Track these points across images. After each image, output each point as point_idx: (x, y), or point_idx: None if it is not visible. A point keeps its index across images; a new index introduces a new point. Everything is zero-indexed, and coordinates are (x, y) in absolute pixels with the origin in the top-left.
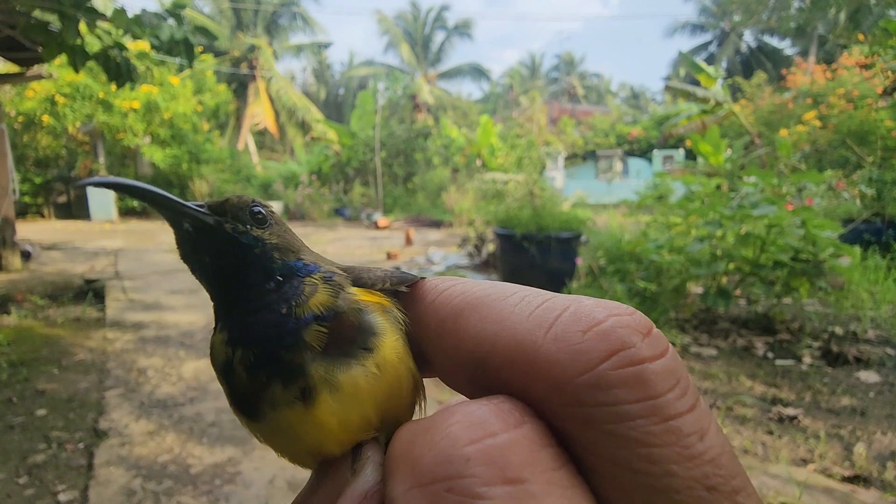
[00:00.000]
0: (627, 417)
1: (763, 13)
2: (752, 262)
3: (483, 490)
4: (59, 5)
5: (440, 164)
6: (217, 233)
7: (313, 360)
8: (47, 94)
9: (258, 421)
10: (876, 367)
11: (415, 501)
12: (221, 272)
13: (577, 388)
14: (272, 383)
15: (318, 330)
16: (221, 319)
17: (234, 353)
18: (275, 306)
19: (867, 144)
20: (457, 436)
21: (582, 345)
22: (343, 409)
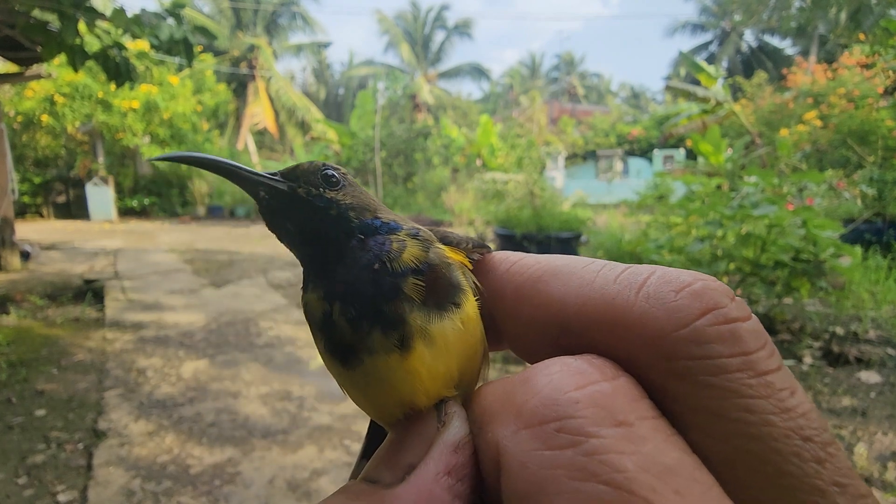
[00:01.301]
0: (725, 370)
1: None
2: (753, 262)
3: (595, 430)
4: (58, 5)
5: (440, 164)
6: (292, 198)
7: (412, 310)
8: (46, 93)
9: (353, 368)
10: (877, 367)
11: (524, 442)
12: (304, 235)
13: (675, 343)
14: (373, 332)
15: (415, 282)
16: (312, 279)
17: (331, 307)
18: (367, 262)
19: (868, 144)
20: (561, 382)
21: (676, 303)
22: (433, 359)
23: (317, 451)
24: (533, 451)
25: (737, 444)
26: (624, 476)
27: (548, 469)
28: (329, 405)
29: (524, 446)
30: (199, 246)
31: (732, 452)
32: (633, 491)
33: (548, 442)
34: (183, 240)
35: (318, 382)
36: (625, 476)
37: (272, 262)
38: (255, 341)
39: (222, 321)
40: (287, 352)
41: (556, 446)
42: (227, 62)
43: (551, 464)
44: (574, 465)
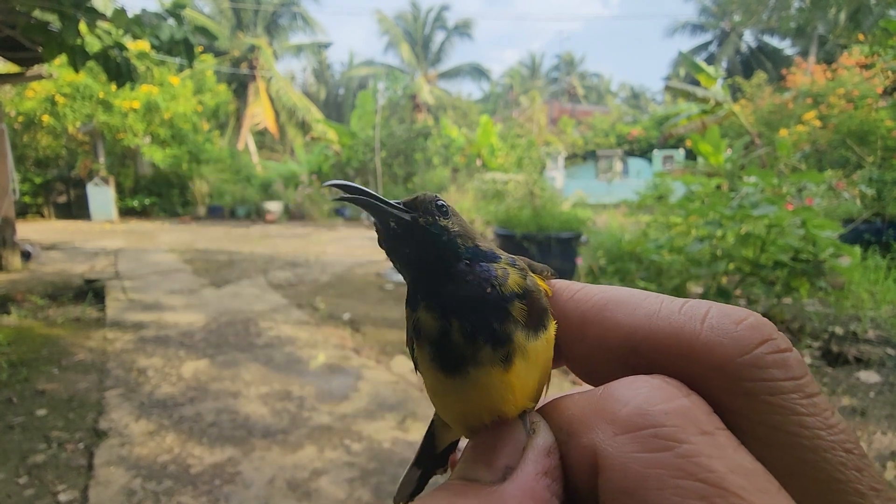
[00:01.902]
0: (782, 391)
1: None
2: (753, 262)
3: (685, 436)
4: (59, 5)
5: (440, 164)
6: (414, 227)
7: (516, 330)
8: (47, 94)
9: (457, 377)
10: (876, 367)
11: (624, 445)
12: (421, 259)
13: (740, 366)
14: (485, 347)
15: (521, 306)
16: (424, 299)
17: (450, 324)
18: (478, 286)
19: (867, 144)
20: (650, 396)
21: (738, 333)
22: (526, 373)
23: (317, 451)
24: (633, 452)
25: (794, 454)
26: (716, 475)
27: (649, 468)
28: (329, 405)
29: (625, 449)
30: (200, 246)
31: (790, 462)
32: (726, 488)
33: (646, 445)
34: (183, 240)
35: (318, 382)
36: (717, 475)
37: (272, 262)
38: (254, 341)
39: (222, 321)
40: (287, 352)
41: (654, 449)
42: (227, 62)
43: (652, 464)
44: (672, 465)
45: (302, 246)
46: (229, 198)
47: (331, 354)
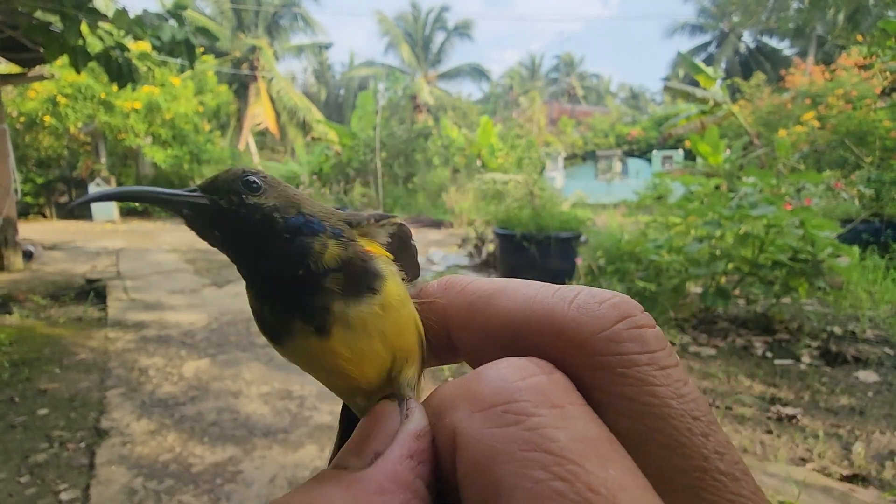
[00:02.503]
0: (636, 364)
1: (762, 14)
2: (751, 262)
3: (535, 410)
4: (60, 6)
5: (440, 165)
6: (213, 210)
7: (333, 300)
8: (49, 94)
9: (281, 345)
10: (874, 366)
11: (477, 422)
12: (233, 243)
13: (597, 342)
14: (294, 321)
15: (335, 277)
16: (247, 279)
17: (262, 306)
18: (292, 265)
19: (866, 145)
20: (507, 374)
21: (599, 311)
22: (354, 339)
23: (318, 450)
24: (484, 428)
25: (645, 422)
26: (557, 445)
27: (497, 442)
28: (330, 404)
29: (477, 425)
30: (201, 246)
31: (642, 429)
32: (564, 455)
33: (497, 421)
34: (184, 240)
35: (318, 382)
36: (558, 445)
37: None
38: (255, 341)
39: (223, 321)
40: None
41: (503, 424)
42: (228, 63)
43: (500, 438)
44: (518, 437)
45: None
46: None
47: None
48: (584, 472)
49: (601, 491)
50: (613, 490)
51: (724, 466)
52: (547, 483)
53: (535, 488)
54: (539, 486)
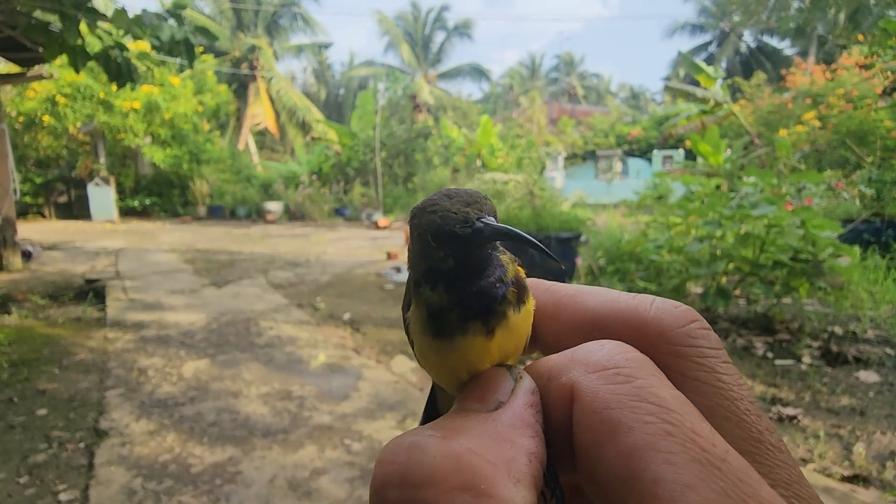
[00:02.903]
0: (707, 356)
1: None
2: (752, 262)
3: (640, 374)
4: (59, 6)
5: (440, 165)
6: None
7: (508, 308)
8: (48, 94)
9: (443, 340)
10: (875, 366)
11: (594, 380)
12: (480, 265)
13: (677, 335)
14: (474, 323)
15: (513, 290)
16: (441, 282)
17: (451, 308)
18: (493, 279)
19: (866, 144)
20: (612, 348)
21: (676, 312)
22: (505, 340)
23: (317, 450)
24: (601, 384)
25: (714, 399)
26: (662, 399)
27: (612, 394)
28: (329, 405)
29: (594, 382)
30: (200, 246)
31: (710, 405)
32: (668, 407)
33: (611, 379)
34: (184, 240)
35: (319, 382)
36: (662, 399)
37: (272, 262)
38: (255, 341)
39: (223, 321)
40: (287, 351)
41: (616, 382)
42: (228, 63)
43: (614, 391)
44: (629, 392)
45: (302, 246)
46: (230, 198)
47: (331, 354)
48: (686, 420)
49: (702, 434)
50: (715, 437)
51: (773, 440)
52: (657, 424)
53: (646, 427)
54: (650, 425)
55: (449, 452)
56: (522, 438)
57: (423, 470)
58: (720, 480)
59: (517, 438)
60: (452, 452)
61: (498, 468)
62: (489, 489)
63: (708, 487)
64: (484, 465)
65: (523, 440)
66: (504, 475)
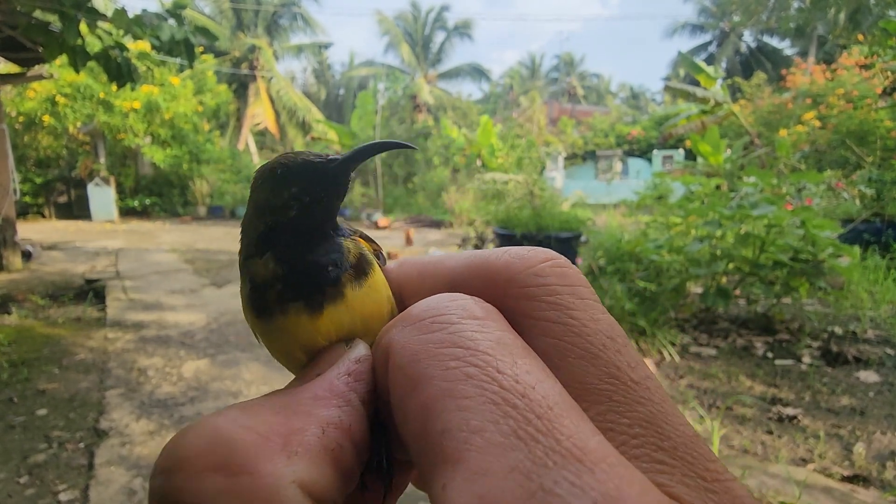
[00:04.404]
0: (557, 293)
1: (762, 13)
2: (752, 262)
3: (458, 320)
4: (59, 6)
5: (440, 165)
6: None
7: (348, 285)
8: (48, 94)
9: (265, 318)
10: (875, 366)
11: (408, 332)
12: (329, 214)
13: (525, 276)
14: (296, 304)
15: (349, 273)
16: (273, 250)
17: (275, 280)
18: (328, 258)
19: (866, 144)
20: (439, 299)
21: (527, 254)
22: (343, 316)
23: None
24: (412, 336)
25: (565, 339)
26: (474, 342)
27: (421, 344)
28: None
29: (406, 335)
30: (200, 246)
31: (561, 345)
32: (478, 349)
33: (424, 329)
34: (184, 240)
35: None
36: (474, 342)
37: None
38: (255, 341)
39: (223, 321)
40: None
41: (429, 331)
42: (228, 63)
43: (426, 340)
44: (440, 339)
45: None
46: (230, 198)
47: None
48: (495, 360)
49: (507, 372)
50: (519, 373)
51: (634, 375)
52: (459, 369)
53: (448, 374)
54: (451, 371)
55: (205, 432)
56: (322, 409)
57: (176, 454)
58: (512, 419)
59: (315, 409)
60: (208, 431)
61: (269, 442)
62: (248, 466)
63: (497, 429)
64: (248, 440)
65: (322, 410)
66: (275, 449)
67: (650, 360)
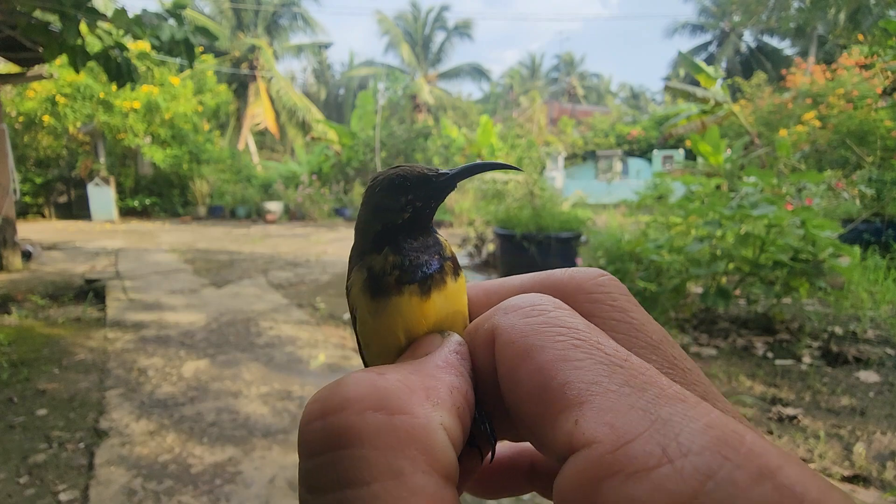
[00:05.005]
0: (618, 299)
1: (763, 13)
2: (752, 262)
3: (553, 309)
4: (59, 6)
5: (440, 165)
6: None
7: (446, 275)
8: (48, 94)
9: (380, 299)
10: (875, 366)
11: (513, 317)
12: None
13: (591, 285)
14: (409, 285)
15: (450, 264)
16: (389, 246)
17: (391, 270)
18: (433, 250)
19: (867, 144)
20: (530, 295)
21: (587, 271)
22: (443, 304)
23: None
24: (518, 319)
25: (631, 334)
26: (572, 325)
27: (528, 325)
28: None
29: (512, 319)
30: (200, 246)
31: (629, 339)
32: (578, 329)
33: (527, 314)
34: (184, 240)
35: (319, 382)
36: (573, 325)
37: (272, 262)
38: (255, 341)
39: (223, 321)
40: (287, 351)
41: (532, 315)
42: (228, 63)
43: (530, 322)
44: (543, 321)
45: (302, 246)
46: (230, 198)
47: (331, 354)
48: (592, 336)
49: (606, 344)
50: (615, 346)
51: (687, 364)
52: (567, 341)
53: (557, 344)
54: (560, 342)
55: (365, 380)
56: (445, 375)
57: (340, 397)
58: (621, 375)
59: (441, 374)
60: (368, 380)
61: (416, 392)
62: (405, 408)
63: (611, 381)
64: (401, 388)
65: (446, 376)
66: (422, 398)
67: None
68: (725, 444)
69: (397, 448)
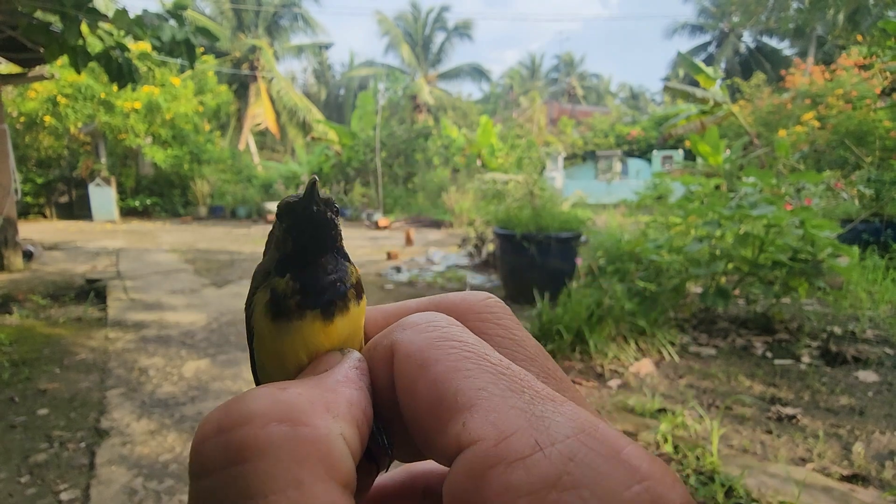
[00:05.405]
0: (503, 318)
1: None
2: (751, 262)
3: (447, 325)
4: (60, 6)
5: (440, 165)
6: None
7: (349, 301)
8: (49, 94)
9: (281, 322)
10: (874, 366)
11: (410, 333)
12: (317, 241)
13: (481, 306)
14: (311, 311)
15: (352, 291)
16: (290, 271)
17: (292, 294)
18: (336, 276)
19: (866, 145)
20: (426, 314)
21: (477, 294)
22: (344, 327)
23: None
24: (415, 335)
25: (513, 348)
26: (465, 339)
27: (426, 340)
28: None
29: (409, 335)
30: (201, 246)
31: (511, 353)
32: (469, 342)
33: (423, 330)
34: (184, 240)
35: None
36: (465, 339)
37: None
38: None
39: (223, 321)
40: None
41: (427, 331)
42: (228, 63)
43: (427, 337)
44: (440, 336)
45: None
46: (230, 198)
47: None
48: (480, 349)
49: (492, 355)
50: (499, 357)
51: (559, 375)
52: (459, 353)
53: (450, 356)
54: (453, 354)
55: (267, 394)
56: (345, 389)
57: (242, 412)
58: (504, 381)
59: (340, 388)
60: (270, 394)
61: (316, 405)
62: (306, 420)
63: (496, 387)
64: (302, 401)
65: (346, 390)
66: (322, 410)
67: (650, 359)
68: (583, 433)
69: (299, 459)
